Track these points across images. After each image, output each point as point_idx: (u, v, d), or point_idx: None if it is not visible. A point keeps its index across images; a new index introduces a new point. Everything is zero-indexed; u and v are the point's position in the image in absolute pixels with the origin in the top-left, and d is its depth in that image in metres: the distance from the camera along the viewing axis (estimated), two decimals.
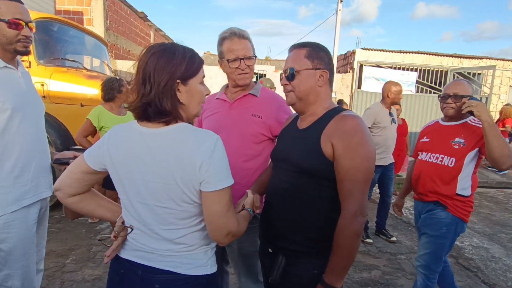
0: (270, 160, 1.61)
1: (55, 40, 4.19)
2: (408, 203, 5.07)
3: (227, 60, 1.48)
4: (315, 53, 1.16)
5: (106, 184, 3.02)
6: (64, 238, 3.22)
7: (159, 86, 0.91)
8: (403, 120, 5.10)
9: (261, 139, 1.52)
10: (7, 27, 1.37)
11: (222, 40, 1.49)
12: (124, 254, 1.05)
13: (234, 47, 1.45)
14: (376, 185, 3.70)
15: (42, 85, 3.70)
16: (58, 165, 1.58)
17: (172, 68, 0.92)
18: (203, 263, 1.01)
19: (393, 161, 3.57)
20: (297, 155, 1.16)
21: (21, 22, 1.40)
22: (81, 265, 2.74)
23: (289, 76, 1.18)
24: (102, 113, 2.89)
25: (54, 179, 1.49)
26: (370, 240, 3.52)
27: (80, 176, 1.03)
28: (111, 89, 2.93)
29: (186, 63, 0.95)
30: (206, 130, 0.98)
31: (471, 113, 1.76)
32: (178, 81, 0.94)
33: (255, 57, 1.52)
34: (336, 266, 1.08)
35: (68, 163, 1.49)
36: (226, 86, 1.64)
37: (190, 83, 0.97)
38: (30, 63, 3.66)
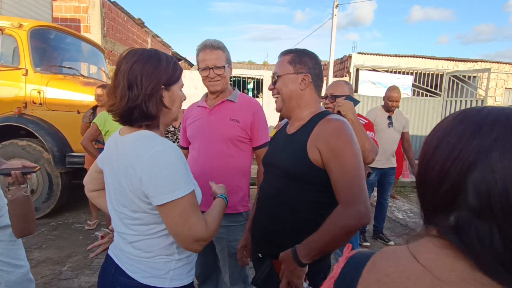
0: (252, 159, 1.73)
1: (52, 48, 4.22)
2: (406, 205, 5.09)
3: (198, 69, 1.63)
4: (299, 58, 1.20)
5: None
6: (60, 245, 3.21)
7: (146, 90, 0.93)
8: None
9: (240, 140, 1.64)
10: None
11: (198, 51, 1.64)
12: (110, 250, 1.10)
13: (206, 57, 1.58)
14: (375, 188, 3.71)
15: (39, 92, 3.72)
16: (3, 176, 1.41)
17: (159, 74, 0.95)
18: (160, 274, 0.98)
19: (394, 165, 3.56)
20: (283, 160, 1.18)
21: None
22: (77, 272, 2.73)
23: (274, 81, 1.23)
24: (108, 119, 2.94)
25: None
26: (368, 244, 3.52)
27: (95, 175, 1.16)
28: None
29: (171, 69, 0.98)
30: (159, 138, 0.95)
31: (339, 112, 1.90)
32: (162, 86, 0.96)
33: (227, 66, 1.63)
34: (312, 244, 1.04)
35: (9, 174, 1.36)
36: (207, 94, 1.75)
37: (172, 89, 1.00)
38: (27, 70, 3.69)
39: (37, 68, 3.76)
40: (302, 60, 1.19)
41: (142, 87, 0.92)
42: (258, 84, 10.45)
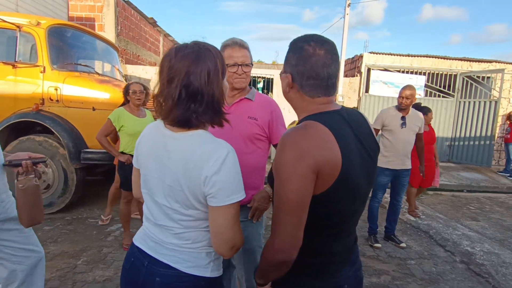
0: (267, 156, 1.76)
1: (68, 46, 4.30)
2: (418, 207, 5.03)
3: (227, 65, 1.63)
4: (287, 53, 1.04)
5: (122, 185, 3.09)
6: (75, 240, 3.27)
7: (215, 92, 0.93)
8: (430, 127, 4.69)
9: (258, 138, 1.66)
10: None
11: (224, 47, 1.65)
12: (138, 241, 1.08)
13: (234, 54, 1.61)
14: (387, 189, 3.68)
15: (56, 89, 3.79)
16: (10, 168, 1.46)
17: (218, 74, 0.95)
18: (203, 264, 1.00)
19: (408, 167, 3.50)
20: None
21: None
22: (92, 266, 2.78)
23: None
24: (122, 114, 3.01)
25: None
26: (379, 245, 3.49)
27: (139, 179, 1.10)
28: (125, 93, 3.10)
29: (223, 62, 0.97)
30: (220, 141, 0.95)
31: None
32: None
33: (252, 65, 1.67)
34: (259, 270, 1.02)
35: (20, 165, 1.41)
36: None
37: (224, 81, 1.00)
38: (44, 68, 3.77)
39: (54, 66, 3.83)
40: (287, 57, 1.02)
41: (209, 93, 0.92)
42: (268, 84, 10.45)
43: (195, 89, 0.91)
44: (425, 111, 4.49)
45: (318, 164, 0.87)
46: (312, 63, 0.95)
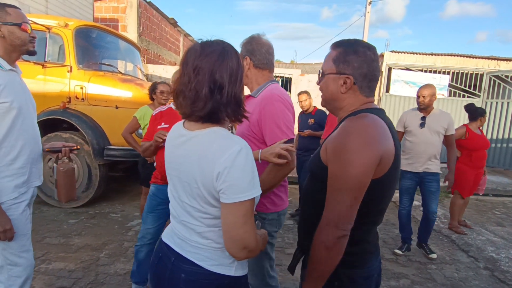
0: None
1: (93, 46, 4.45)
2: (439, 211, 4.88)
3: None
4: (343, 56, 1.07)
5: (142, 181, 3.18)
6: (98, 233, 3.39)
7: (236, 88, 0.96)
8: (481, 130, 4.18)
9: (247, 137, 1.55)
10: (20, 30, 1.50)
11: None
12: (166, 237, 1.11)
13: None
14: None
15: (82, 88, 3.94)
16: (51, 153, 1.77)
17: (240, 69, 0.98)
18: (227, 263, 1.00)
19: (433, 171, 3.28)
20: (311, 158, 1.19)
21: (28, 24, 1.54)
22: (113, 259, 2.87)
23: (320, 78, 1.16)
24: (147, 113, 3.10)
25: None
26: (434, 256, 3.30)
27: None
28: (152, 91, 3.19)
29: (240, 60, 1.00)
30: (234, 137, 0.95)
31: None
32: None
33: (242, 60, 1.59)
34: (308, 275, 1.04)
35: (60, 151, 1.72)
36: None
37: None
38: (71, 67, 3.92)
39: (80, 65, 3.98)
40: (346, 59, 1.06)
41: (228, 88, 0.93)
42: (286, 83, 10.41)
43: (221, 84, 0.93)
44: (480, 112, 4.08)
45: (382, 151, 0.96)
46: (374, 67, 1.07)
